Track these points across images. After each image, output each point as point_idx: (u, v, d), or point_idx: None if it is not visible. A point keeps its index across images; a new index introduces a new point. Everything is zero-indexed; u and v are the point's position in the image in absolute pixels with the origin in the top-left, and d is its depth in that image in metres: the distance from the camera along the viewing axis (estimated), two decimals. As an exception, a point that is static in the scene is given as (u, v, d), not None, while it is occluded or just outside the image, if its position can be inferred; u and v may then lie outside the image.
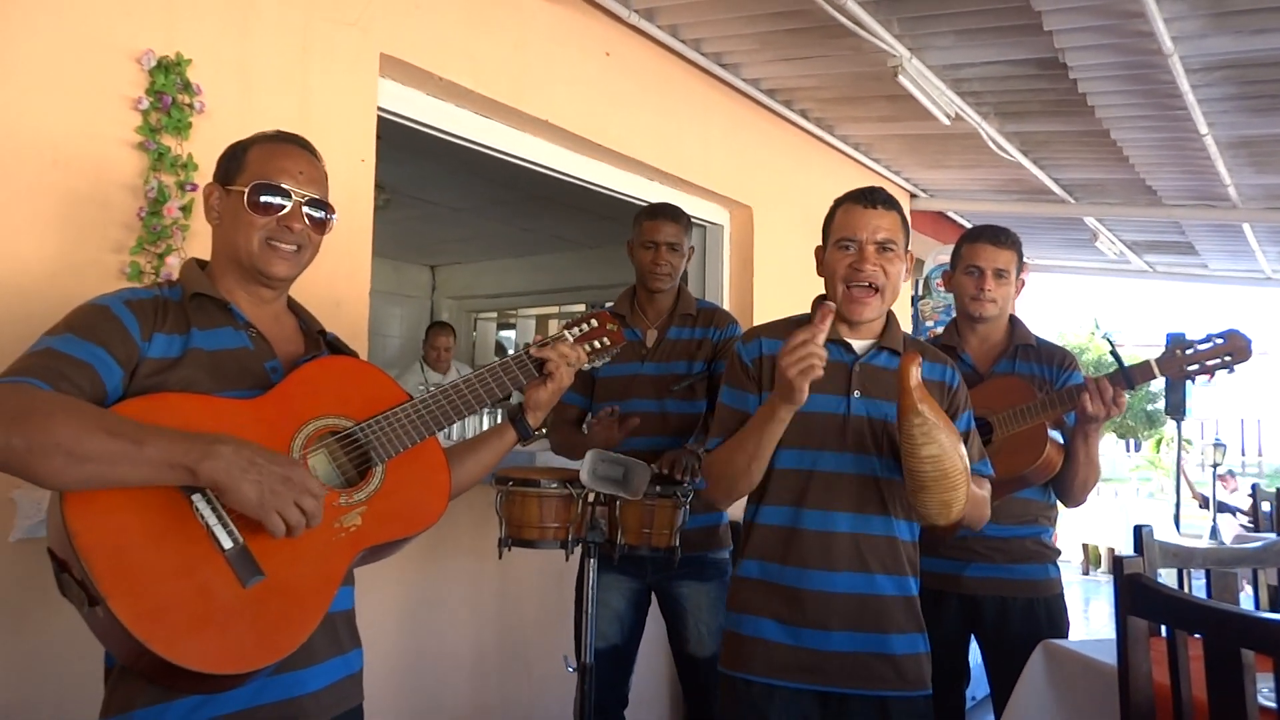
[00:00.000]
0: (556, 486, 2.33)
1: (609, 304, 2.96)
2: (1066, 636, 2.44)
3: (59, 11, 2.05)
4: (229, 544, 1.33)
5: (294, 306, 1.66)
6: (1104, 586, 8.92)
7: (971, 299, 2.56)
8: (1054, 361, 2.55)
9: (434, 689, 3.04)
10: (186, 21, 2.26)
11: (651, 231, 2.81)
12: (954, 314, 2.72)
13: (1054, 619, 2.49)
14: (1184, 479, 8.65)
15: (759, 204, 4.54)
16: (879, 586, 1.90)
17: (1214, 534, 7.33)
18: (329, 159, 1.64)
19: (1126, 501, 10.65)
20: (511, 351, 1.73)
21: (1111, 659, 1.82)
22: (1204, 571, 2.36)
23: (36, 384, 1.28)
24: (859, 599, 1.88)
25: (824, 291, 2.05)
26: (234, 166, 1.54)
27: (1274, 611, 2.45)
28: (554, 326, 1.84)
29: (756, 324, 2.21)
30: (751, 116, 4.46)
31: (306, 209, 1.54)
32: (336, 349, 1.66)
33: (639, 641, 2.78)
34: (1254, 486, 4.69)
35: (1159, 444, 20.34)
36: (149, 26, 2.19)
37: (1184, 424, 7.43)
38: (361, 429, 1.52)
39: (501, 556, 2.35)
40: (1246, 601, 2.56)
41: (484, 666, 3.21)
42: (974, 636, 2.56)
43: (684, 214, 2.92)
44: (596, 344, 1.81)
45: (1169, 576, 2.35)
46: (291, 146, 1.57)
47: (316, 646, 1.42)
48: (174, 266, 2.13)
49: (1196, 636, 1.60)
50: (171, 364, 1.41)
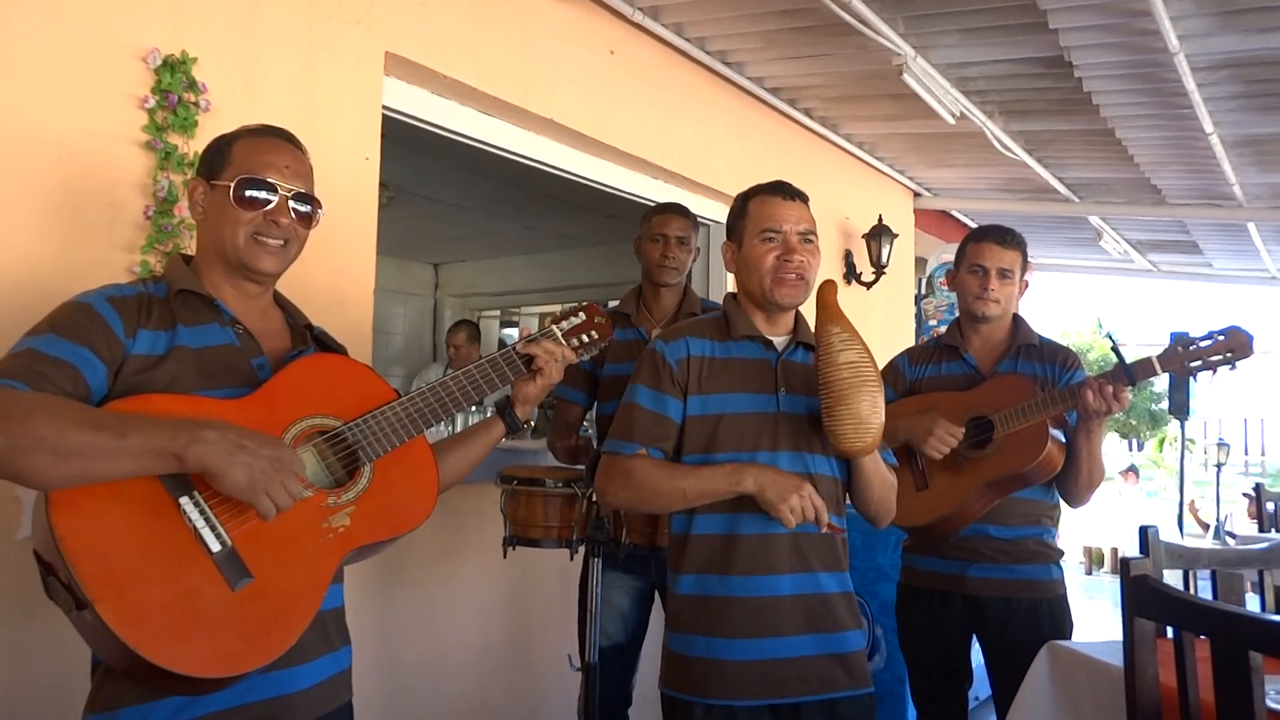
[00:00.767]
0: (561, 486, 2.33)
1: (613, 303, 2.96)
2: (1070, 637, 2.44)
3: (64, 10, 2.05)
4: (217, 546, 1.32)
5: (280, 301, 1.64)
6: (1107, 587, 8.91)
7: (975, 298, 2.55)
8: (1057, 360, 2.54)
9: (439, 687, 3.04)
10: (192, 20, 2.26)
11: (661, 225, 2.82)
12: (956, 313, 2.72)
13: (1057, 620, 2.48)
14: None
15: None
16: (823, 585, 1.86)
17: (1218, 534, 7.32)
18: (333, 157, 1.64)
19: (1129, 501, 10.64)
20: (504, 347, 1.72)
21: (1117, 660, 1.81)
22: (1210, 573, 2.36)
23: (15, 385, 1.27)
24: (805, 600, 1.84)
25: (733, 290, 2.03)
26: (219, 161, 1.52)
27: (1280, 613, 2.44)
28: (550, 320, 1.83)
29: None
30: (756, 115, 4.46)
31: (293, 203, 1.52)
32: (323, 343, 1.64)
33: (643, 640, 2.78)
34: (1257, 486, 4.68)
35: (1161, 443, 20.33)
36: (154, 25, 2.19)
37: (1187, 423, 7.40)
38: (349, 428, 1.50)
39: (506, 555, 2.36)
40: (1253, 603, 2.55)
41: (489, 665, 3.21)
42: (976, 637, 2.56)
43: (691, 212, 2.93)
44: (585, 337, 1.80)
45: (1174, 578, 2.34)
46: (277, 140, 1.55)
47: (306, 644, 1.41)
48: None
49: (1203, 638, 1.60)
50: (157, 361, 1.40)
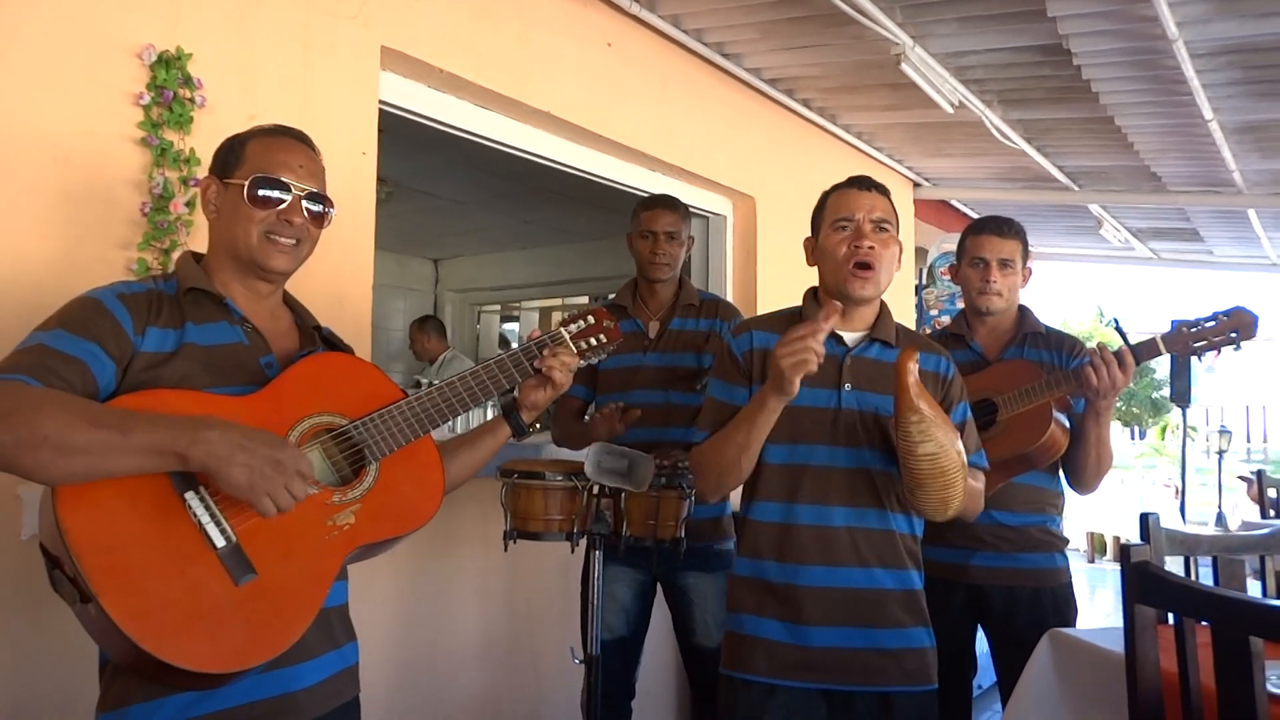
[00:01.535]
0: (561, 479, 2.33)
1: (611, 296, 2.96)
2: (1074, 626, 2.44)
3: (58, 7, 2.04)
4: (221, 542, 1.33)
5: (290, 301, 1.65)
6: (1109, 575, 8.92)
7: (979, 292, 2.55)
8: (1063, 348, 2.54)
9: (442, 681, 3.05)
10: (187, 16, 2.25)
11: (649, 221, 2.81)
12: (958, 303, 2.72)
13: (1061, 608, 2.48)
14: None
15: (762, 194, 4.53)
16: (878, 580, 1.88)
17: (1220, 521, 7.32)
18: (330, 152, 1.64)
19: (1132, 489, 10.63)
20: (513, 346, 1.72)
21: (1118, 647, 1.81)
22: (1211, 559, 2.36)
23: (25, 380, 1.27)
24: (857, 594, 1.86)
25: (815, 284, 2.05)
26: (232, 160, 1.53)
27: (1281, 598, 2.44)
28: (557, 319, 1.83)
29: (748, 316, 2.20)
30: (754, 106, 4.45)
31: (306, 203, 1.53)
32: (332, 344, 1.65)
33: (645, 633, 2.78)
34: (1259, 473, 4.67)
35: (1164, 431, 20.31)
36: (149, 21, 2.18)
37: (1189, 411, 7.40)
38: (355, 427, 1.51)
39: (507, 549, 2.36)
40: (1254, 588, 2.55)
41: (491, 658, 3.22)
42: (980, 626, 2.56)
43: (681, 203, 2.92)
44: (593, 340, 1.80)
45: (1175, 564, 2.34)
46: (290, 140, 1.57)
47: (311, 641, 1.42)
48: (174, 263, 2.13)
49: (1204, 624, 1.60)
50: (165, 358, 1.41)
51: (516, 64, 3.18)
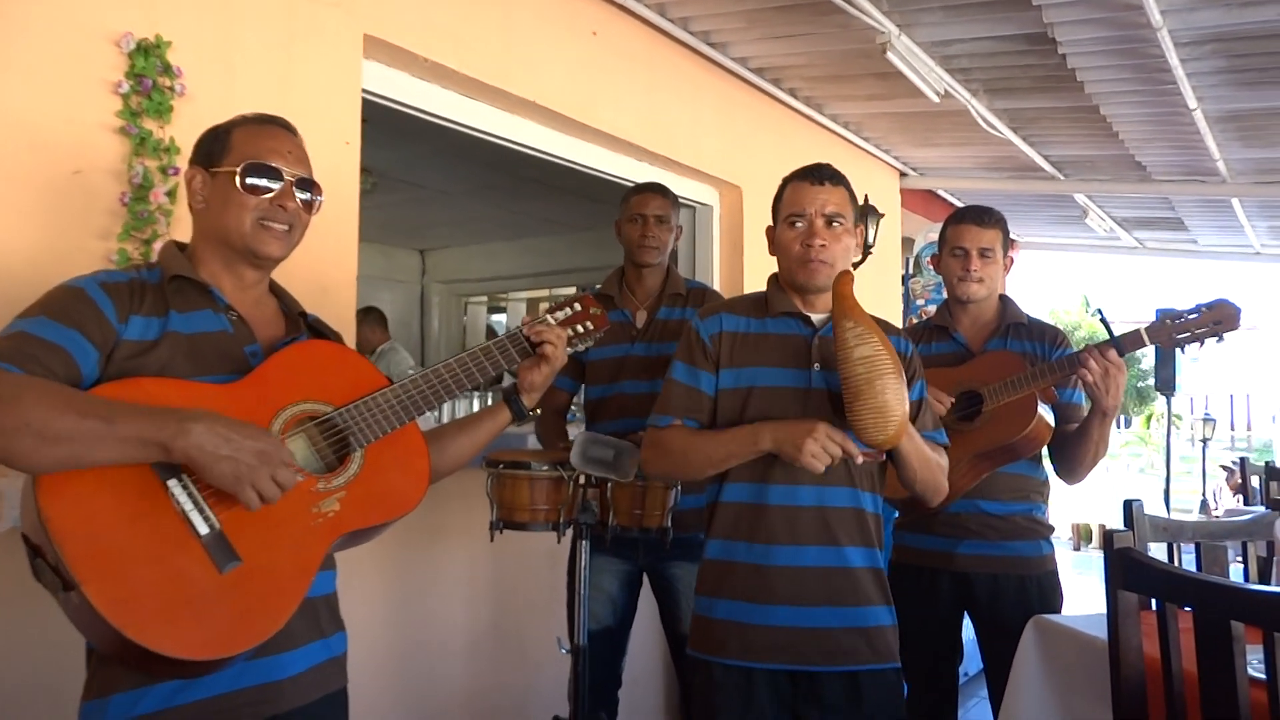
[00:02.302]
0: (547, 469, 2.32)
1: (597, 286, 2.95)
2: (1059, 612, 2.45)
3: (35, -6, 2.02)
4: (205, 529, 1.33)
5: (275, 289, 1.64)
6: (1095, 562, 8.98)
7: (959, 280, 2.56)
8: (1045, 338, 2.55)
9: (428, 672, 3.04)
10: (166, 3, 2.23)
11: (639, 205, 2.81)
12: (944, 292, 2.72)
13: (1046, 596, 2.50)
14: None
15: (749, 184, 4.52)
16: (848, 559, 1.89)
17: (1203, 508, 7.38)
18: (312, 141, 1.63)
19: (1117, 477, 10.70)
20: (496, 336, 1.72)
21: (1102, 633, 1.83)
22: (1194, 545, 2.38)
23: (6, 367, 1.27)
24: (829, 572, 1.88)
25: (777, 270, 2.06)
26: (218, 149, 1.52)
27: (1263, 583, 2.46)
28: (542, 309, 1.83)
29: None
30: (740, 96, 4.44)
31: (296, 189, 1.53)
32: (318, 331, 1.65)
33: (632, 622, 2.78)
34: (1241, 460, 4.71)
35: (1149, 420, 20.45)
36: (127, 8, 2.16)
37: (1174, 399, 7.45)
38: (340, 414, 1.51)
39: (493, 539, 2.35)
40: (1236, 574, 2.57)
41: (478, 649, 3.21)
42: (967, 613, 2.57)
43: (670, 191, 2.91)
44: (580, 328, 1.80)
45: (1159, 551, 2.36)
46: (276, 127, 1.56)
47: (296, 631, 1.42)
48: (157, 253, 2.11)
49: (1186, 609, 1.61)
50: (149, 347, 1.40)
51: (501, 52, 3.16)
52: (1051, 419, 2.44)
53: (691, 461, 1.92)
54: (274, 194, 1.50)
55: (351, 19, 2.67)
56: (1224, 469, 9.26)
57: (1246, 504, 4.60)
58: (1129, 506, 2.30)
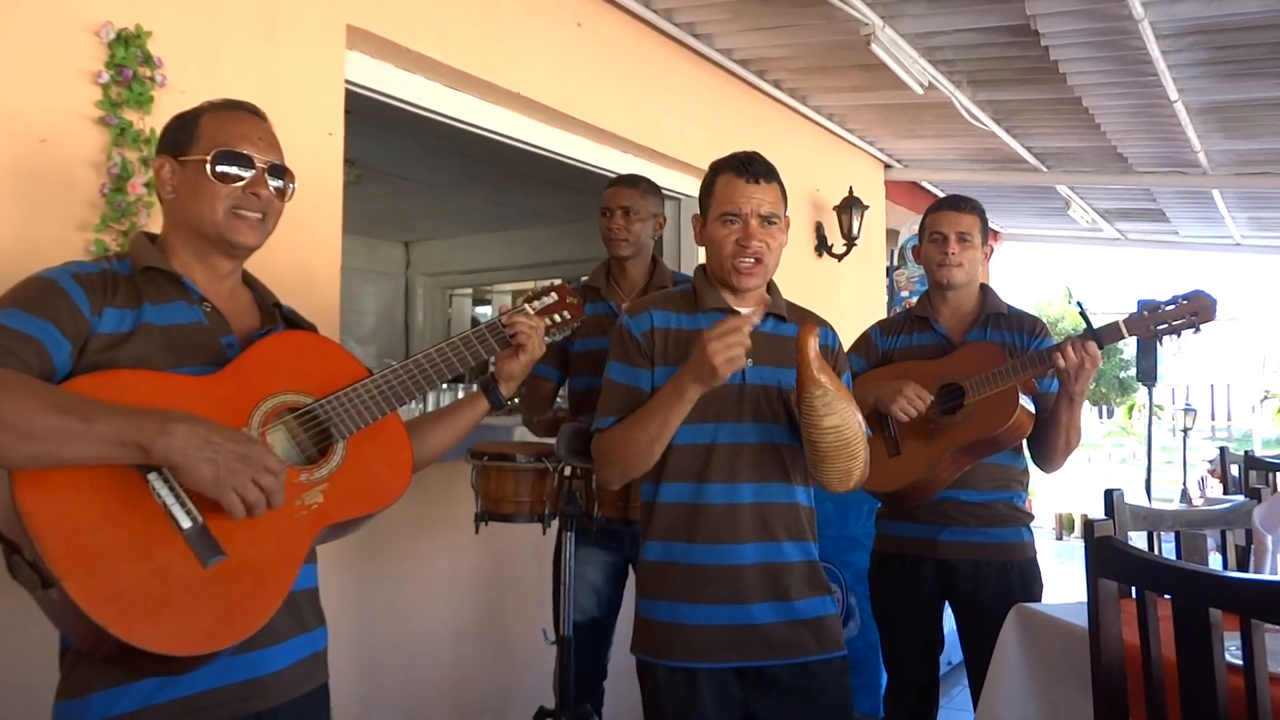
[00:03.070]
0: (532, 461, 2.33)
1: (584, 278, 2.95)
2: (1039, 599, 2.48)
3: (13, -17, 2.00)
4: (188, 523, 1.31)
5: (249, 280, 1.62)
6: (1077, 551, 9.05)
7: (939, 265, 2.58)
8: (1025, 329, 2.57)
9: (413, 665, 3.04)
10: (146, -7, 2.21)
11: (608, 199, 2.82)
12: (927, 284, 2.74)
13: (1027, 582, 2.52)
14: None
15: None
16: (785, 554, 1.89)
17: (1184, 497, 7.45)
18: (295, 132, 1.62)
19: (1099, 467, 10.78)
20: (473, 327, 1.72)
21: (1083, 621, 1.84)
22: (1173, 534, 2.40)
23: None
24: (768, 568, 1.87)
25: (703, 261, 2.02)
26: (185, 137, 1.49)
27: (1241, 571, 2.49)
28: (522, 300, 1.83)
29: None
30: (725, 87, 4.44)
31: (268, 175, 1.50)
32: (293, 322, 1.63)
33: (617, 614, 2.79)
34: (1222, 450, 4.76)
35: (1131, 410, 20.62)
36: (107, -2, 2.14)
37: (1155, 390, 7.50)
38: (321, 405, 1.49)
39: (478, 531, 2.36)
40: (1215, 562, 2.60)
41: (463, 641, 3.22)
42: (948, 601, 2.59)
43: (644, 181, 2.90)
44: (557, 317, 1.80)
45: (1140, 539, 2.38)
46: (245, 113, 1.53)
47: (279, 625, 1.41)
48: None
49: (1166, 597, 1.63)
50: (123, 339, 1.37)
51: (485, 44, 3.15)
52: (1033, 410, 2.46)
53: (637, 443, 1.84)
54: (246, 182, 1.47)
55: (334, 9, 2.66)
56: (1208, 463, 9.35)
57: (1226, 493, 4.65)
58: (1110, 496, 2.32)
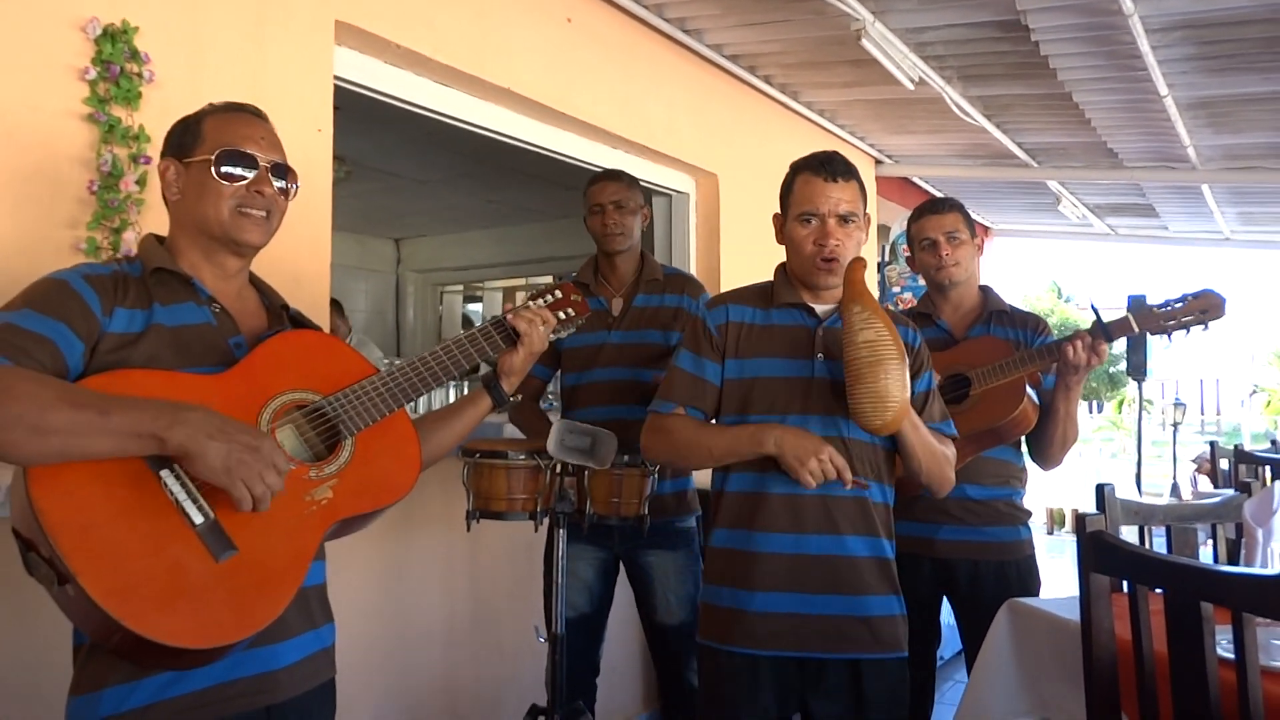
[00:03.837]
0: (524, 458, 2.32)
1: (573, 274, 2.94)
2: (1037, 597, 2.48)
3: (-2, -21, 1.98)
4: (199, 519, 1.32)
5: (255, 281, 1.64)
6: (1068, 546, 9.08)
7: (936, 269, 2.60)
8: (1028, 326, 2.59)
9: (405, 662, 3.04)
10: (133, -12, 2.20)
11: (595, 195, 2.81)
12: (920, 279, 2.75)
13: (1025, 580, 2.53)
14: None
15: (725, 172, 4.52)
16: (850, 548, 1.90)
17: (1174, 491, 7.47)
18: (284, 129, 1.61)
19: (1090, 462, 10.82)
20: (479, 323, 1.73)
21: (1075, 615, 1.85)
22: (1165, 528, 2.41)
23: None
24: (830, 560, 1.89)
25: (784, 260, 2.06)
26: (189, 139, 1.52)
27: (1232, 565, 2.50)
28: (521, 299, 1.84)
29: (723, 290, 2.20)
30: (716, 83, 4.43)
31: (272, 175, 1.53)
32: (299, 323, 1.65)
33: (609, 610, 2.79)
34: (1212, 444, 4.78)
35: (1121, 405, 20.69)
36: (93, -7, 2.12)
37: (1145, 385, 7.54)
38: (329, 402, 1.51)
39: (470, 529, 2.35)
40: (1206, 556, 2.61)
41: (455, 638, 3.21)
42: (946, 598, 2.59)
43: (626, 174, 2.91)
44: (561, 315, 1.81)
45: (1131, 534, 2.39)
46: (247, 114, 1.56)
47: (290, 621, 1.42)
48: (131, 242, 2.09)
49: (1157, 591, 1.63)
50: (133, 340, 1.40)
51: (475, 39, 3.14)
52: (1038, 403, 2.48)
53: (692, 452, 1.96)
54: (250, 180, 1.50)
55: (323, 4, 2.64)
56: (1194, 462, 9.38)
57: (1216, 487, 4.67)
58: (1101, 490, 2.32)
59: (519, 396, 1.86)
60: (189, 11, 2.31)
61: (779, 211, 2.04)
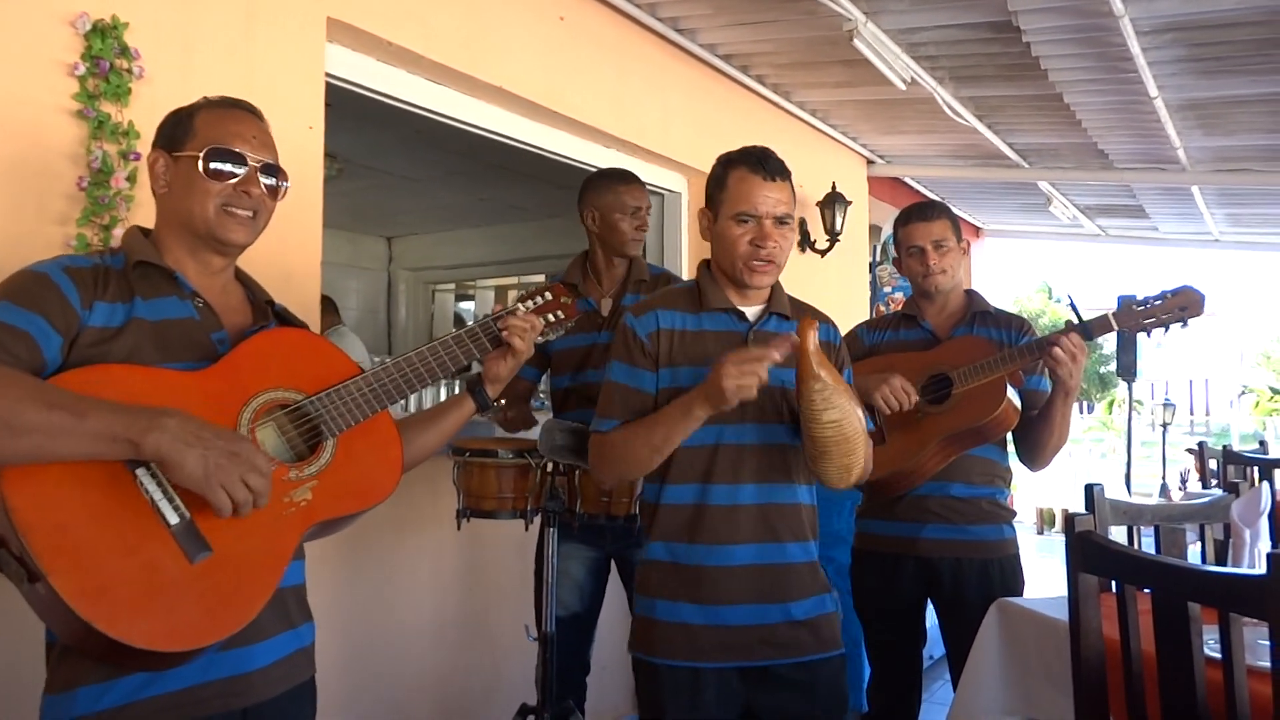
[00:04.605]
0: (514, 457, 2.32)
1: (560, 275, 2.93)
2: (1021, 596, 2.49)
3: (-13, -26, 1.97)
4: (175, 519, 1.30)
5: (241, 277, 1.62)
6: (1058, 546, 9.11)
7: (923, 277, 2.60)
8: (1011, 326, 2.60)
9: (396, 660, 3.03)
10: (123, -16, 2.19)
11: (635, 197, 2.77)
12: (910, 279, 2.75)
13: (1008, 579, 2.53)
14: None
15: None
16: (788, 554, 1.89)
17: (1163, 492, 7.51)
18: (275, 126, 1.60)
19: (1080, 462, 10.86)
20: (470, 323, 1.71)
21: (1063, 615, 1.85)
22: (1153, 528, 2.42)
23: None
24: (769, 569, 1.87)
25: (707, 258, 2.01)
26: (181, 133, 1.50)
27: (1220, 565, 2.51)
28: (513, 296, 1.82)
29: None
30: (709, 83, 4.43)
31: (261, 175, 1.51)
32: (285, 320, 1.63)
33: (599, 609, 2.79)
34: (1200, 444, 4.80)
35: (1111, 405, 20.76)
36: (83, -11, 2.11)
37: (1135, 385, 7.57)
38: (311, 402, 1.49)
39: (460, 528, 2.35)
40: (1194, 556, 2.62)
41: (445, 637, 3.21)
42: (930, 598, 2.60)
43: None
44: (551, 317, 1.79)
45: (1120, 534, 2.40)
46: (241, 111, 1.54)
47: (265, 622, 1.41)
48: (120, 239, 2.08)
49: (1145, 591, 1.64)
50: (114, 334, 1.37)
51: (467, 38, 3.13)
52: (1019, 403, 2.48)
53: (638, 455, 1.85)
54: (238, 179, 1.48)
55: (314, 1, 2.63)
56: (1189, 452, 9.43)
57: (1205, 487, 4.69)
58: (1090, 491, 2.33)
59: (503, 401, 1.84)
60: (179, 7, 2.30)
61: (705, 207, 1.99)
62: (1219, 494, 2.66)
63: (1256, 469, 4.21)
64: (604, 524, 2.50)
